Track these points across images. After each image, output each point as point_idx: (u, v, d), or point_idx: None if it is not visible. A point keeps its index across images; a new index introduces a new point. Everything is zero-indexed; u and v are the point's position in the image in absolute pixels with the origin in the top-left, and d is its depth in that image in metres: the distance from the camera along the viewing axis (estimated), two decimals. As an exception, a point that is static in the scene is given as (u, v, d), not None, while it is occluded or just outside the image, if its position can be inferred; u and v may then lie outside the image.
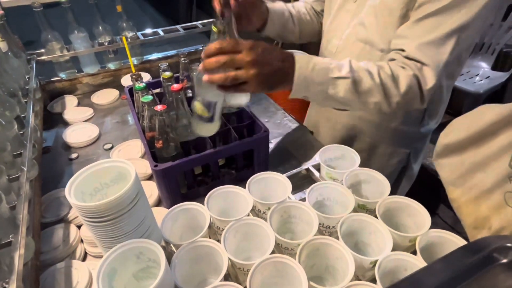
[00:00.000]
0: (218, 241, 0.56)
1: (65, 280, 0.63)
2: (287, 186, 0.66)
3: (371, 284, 0.49)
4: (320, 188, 0.67)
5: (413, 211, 0.61)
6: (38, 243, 0.68)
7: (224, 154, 0.77)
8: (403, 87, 0.68)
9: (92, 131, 1.03)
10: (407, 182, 1.06)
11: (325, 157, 0.76)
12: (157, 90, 0.94)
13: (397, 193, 0.80)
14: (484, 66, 2.16)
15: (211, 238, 0.58)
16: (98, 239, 0.51)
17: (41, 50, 1.14)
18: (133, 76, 0.82)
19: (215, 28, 0.68)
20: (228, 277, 0.58)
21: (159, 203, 0.81)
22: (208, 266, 0.57)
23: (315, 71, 0.66)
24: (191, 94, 0.89)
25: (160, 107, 0.68)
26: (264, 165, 0.84)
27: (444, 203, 1.79)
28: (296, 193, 0.75)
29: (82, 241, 0.72)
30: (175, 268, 0.53)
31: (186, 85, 0.88)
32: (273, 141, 0.99)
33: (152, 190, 0.81)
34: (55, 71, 1.20)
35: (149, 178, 0.87)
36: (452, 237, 0.55)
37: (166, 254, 0.48)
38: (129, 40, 1.20)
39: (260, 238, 0.59)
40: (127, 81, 1.24)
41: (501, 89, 2.04)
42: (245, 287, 0.49)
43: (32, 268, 0.60)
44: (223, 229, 0.58)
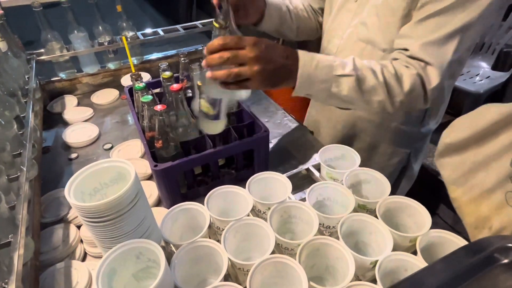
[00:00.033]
0: (218, 241, 0.56)
1: (64, 280, 0.63)
2: (287, 186, 0.66)
3: (372, 284, 0.49)
4: (320, 188, 0.66)
5: (414, 211, 0.61)
6: (38, 243, 0.68)
7: (224, 154, 0.77)
8: (407, 86, 0.68)
9: (92, 131, 1.03)
10: (407, 182, 1.06)
11: (325, 157, 0.76)
12: (157, 90, 0.94)
13: (397, 193, 0.80)
14: (484, 66, 2.16)
15: (211, 238, 0.58)
16: (98, 239, 0.51)
17: (41, 50, 1.14)
18: (133, 76, 0.82)
19: (216, 23, 0.68)
20: (228, 277, 0.58)
21: (159, 203, 0.80)
22: (208, 266, 0.57)
23: (318, 68, 0.65)
24: (191, 94, 0.88)
25: (160, 107, 0.68)
26: (264, 165, 0.84)
27: (445, 203, 1.79)
28: (296, 193, 0.75)
29: (81, 241, 0.71)
30: (175, 268, 0.53)
31: (186, 85, 0.88)
32: (273, 141, 0.99)
33: (152, 190, 0.81)
34: (55, 71, 1.20)
35: (149, 178, 0.87)
36: (453, 237, 0.55)
37: (166, 254, 0.48)
38: (129, 40, 1.19)
39: (260, 238, 0.58)
40: (127, 81, 1.24)
41: (501, 89, 2.03)
42: (245, 287, 0.49)
43: (32, 268, 0.60)
44: (223, 229, 0.57)
